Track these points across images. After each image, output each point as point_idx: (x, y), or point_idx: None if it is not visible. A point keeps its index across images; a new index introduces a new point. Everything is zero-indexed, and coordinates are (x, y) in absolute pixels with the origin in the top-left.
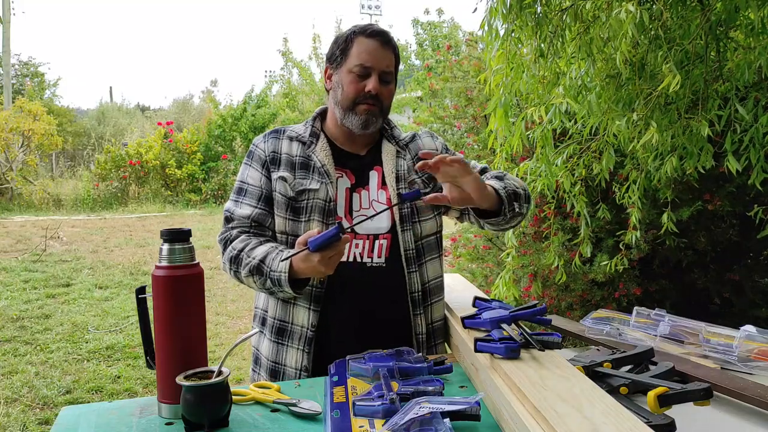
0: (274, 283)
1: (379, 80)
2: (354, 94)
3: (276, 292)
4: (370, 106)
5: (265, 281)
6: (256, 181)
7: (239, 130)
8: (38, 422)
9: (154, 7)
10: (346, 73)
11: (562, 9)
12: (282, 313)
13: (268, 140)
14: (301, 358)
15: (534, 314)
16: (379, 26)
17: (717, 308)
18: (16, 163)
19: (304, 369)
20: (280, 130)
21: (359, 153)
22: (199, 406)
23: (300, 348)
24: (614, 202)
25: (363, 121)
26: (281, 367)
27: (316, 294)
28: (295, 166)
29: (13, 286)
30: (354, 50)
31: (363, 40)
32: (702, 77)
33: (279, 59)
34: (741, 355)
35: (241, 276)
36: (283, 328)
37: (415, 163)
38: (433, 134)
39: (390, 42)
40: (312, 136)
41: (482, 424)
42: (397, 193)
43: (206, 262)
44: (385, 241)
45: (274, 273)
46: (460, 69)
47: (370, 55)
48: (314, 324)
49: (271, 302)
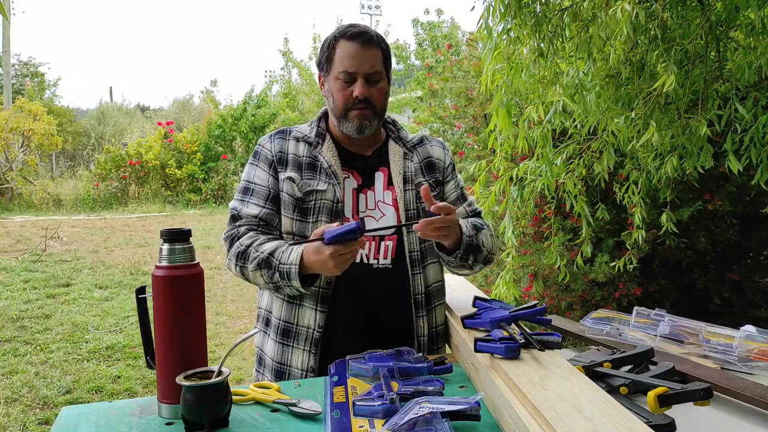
0: (282, 276)
1: (366, 82)
2: (343, 101)
3: (283, 287)
4: (361, 110)
5: (273, 275)
6: (263, 181)
7: (239, 130)
8: (38, 422)
9: (154, 7)
10: (334, 80)
11: (562, 9)
12: (287, 314)
13: (274, 141)
14: (307, 359)
15: (534, 314)
16: (361, 26)
17: (717, 308)
18: (16, 163)
19: (311, 370)
20: (285, 131)
21: (365, 153)
22: (199, 406)
23: (306, 349)
24: (614, 202)
25: (357, 127)
26: (287, 368)
27: (323, 295)
28: (302, 166)
29: (13, 286)
30: (337, 56)
31: (344, 44)
32: (702, 77)
33: (279, 59)
34: (741, 355)
35: (248, 271)
36: (288, 329)
37: (423, 167)
38: (445, 146)
39: (371, 41)
40: (318, 136)
41: (482, 424)
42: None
43: (206, 262)
44: (391, 243)
45: (284, 266)
46: (460, 69)
47: (352, 59)
48: (321, 325)
49: (276, 303)
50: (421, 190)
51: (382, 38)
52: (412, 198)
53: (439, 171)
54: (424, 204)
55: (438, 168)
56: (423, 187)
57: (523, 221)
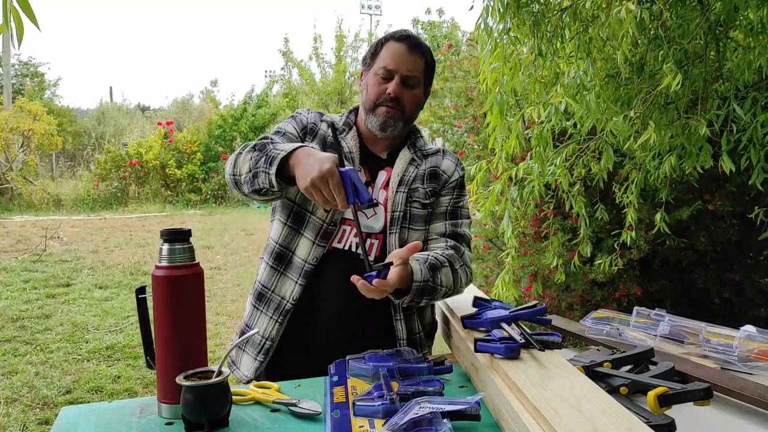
0: (267, 160)
1: (402, 83)
2: (375, 95)
3: (258, 174)
4: (390, 108)
5: (260, 158)
6: (294, 134)
7: (239, 130)
8: (38, 422)
9: (154, 7)
10: (372, 75)
11: (562, 9)
12: (267, 278)
13: (311, 113)
14: (272, 328)
15: (534, 314)
16: (413, 34)
17: (717, 308)
18: (16, 163)
19: (270, 339)
20: (321, 113)
21: (380, 155)
22: (199, 406)
23: (274, 318)
24: (613, 202)
25: (381, 123)
26: (249, 331)
27: (306, 270)
28: (326, 144)
29: (13, 286)
30: (382, 54)
31: (392, 44)
32: (701, 77)
33: (279, 59)
34: (741, 355)
35: (242, 155)
36: (263, 293)
37: (427, 175)
38: (459, 163)
39: (419, 47)
40: (345, 125)
41: (482, 424)
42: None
43: (206, 262)
44: (377, 242)
45: (275, 150)
46: (460, 69)
47: (394, 58)
48: (296, 298)
49: (262, 266)
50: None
51: (430, 51)
52: (401, 200)
53: (439, 182)
54: (414, 208)
55: (440, 180)
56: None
57: (523, 221)
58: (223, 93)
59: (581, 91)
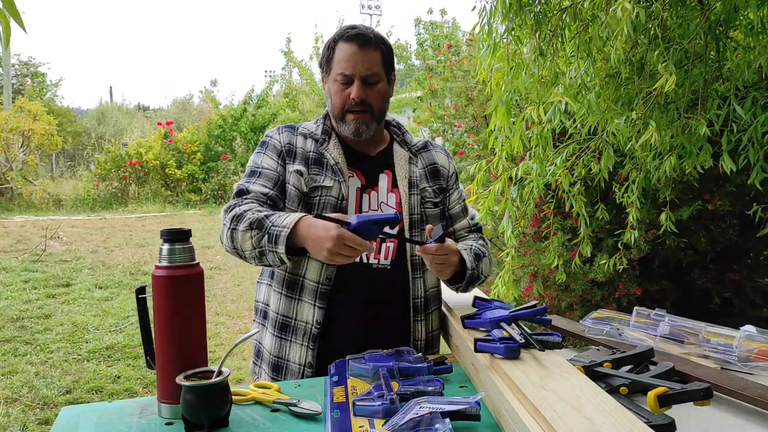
0: (270, 239)
1: (363, 84)
2: (340, 103)
3: (266, 253)
4: (358, 114)
5: (262, 237)
6: (271, 167)
7: (239, 130)
8: (38, 422)
9: (154, 7)
10: (332, 82)
11: (562, 8)
12: (286, 308)
13: (282, 132)
14: (305, 355)
15: (534, 314)
16: (361, 27)
17: (717, 308)
18: (16, 163)
19: (308, 365)
20: (293, 126)
21: (369, 154)
22: (199, 406)
23: (305, 344)
24: (614, 202)
25: (354, 130)
26: (284, 363)
27: (321, 291)
28: (309, 161)
29: (13, 286)
30: (335, 58)
31: (342, 46)
32: (701, 77)
33: (280, 59)
34: (741, 355)
35: (238, 231)
36: (286, 323)
37: (428, 173)
38: (448, 154)
39: (369, 42)
40: (324, 134)
41: (482, 424)
42: (413, 237)
43: (206, 262)
44: (392, 245)
45: (276, 228)
46: (460, 69)
47: (349, 61)
48: (319, 321)
49: (273, 296)
50: (426, 229)
51: (382, 38)
52: (416, 202)
53: (443, 179)
54: (427, 209)
55: (442, 175)
56: (428, 227)
57: (523, 221)
58: (223, 93)
59: (582, 91)
